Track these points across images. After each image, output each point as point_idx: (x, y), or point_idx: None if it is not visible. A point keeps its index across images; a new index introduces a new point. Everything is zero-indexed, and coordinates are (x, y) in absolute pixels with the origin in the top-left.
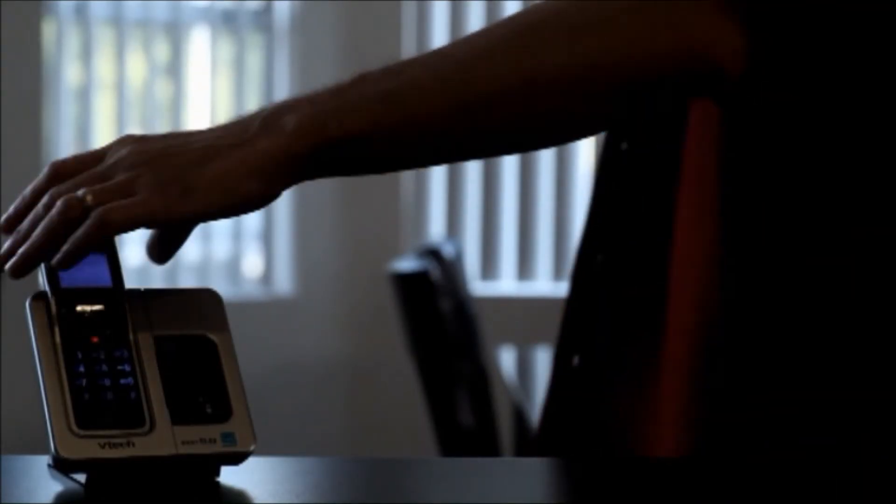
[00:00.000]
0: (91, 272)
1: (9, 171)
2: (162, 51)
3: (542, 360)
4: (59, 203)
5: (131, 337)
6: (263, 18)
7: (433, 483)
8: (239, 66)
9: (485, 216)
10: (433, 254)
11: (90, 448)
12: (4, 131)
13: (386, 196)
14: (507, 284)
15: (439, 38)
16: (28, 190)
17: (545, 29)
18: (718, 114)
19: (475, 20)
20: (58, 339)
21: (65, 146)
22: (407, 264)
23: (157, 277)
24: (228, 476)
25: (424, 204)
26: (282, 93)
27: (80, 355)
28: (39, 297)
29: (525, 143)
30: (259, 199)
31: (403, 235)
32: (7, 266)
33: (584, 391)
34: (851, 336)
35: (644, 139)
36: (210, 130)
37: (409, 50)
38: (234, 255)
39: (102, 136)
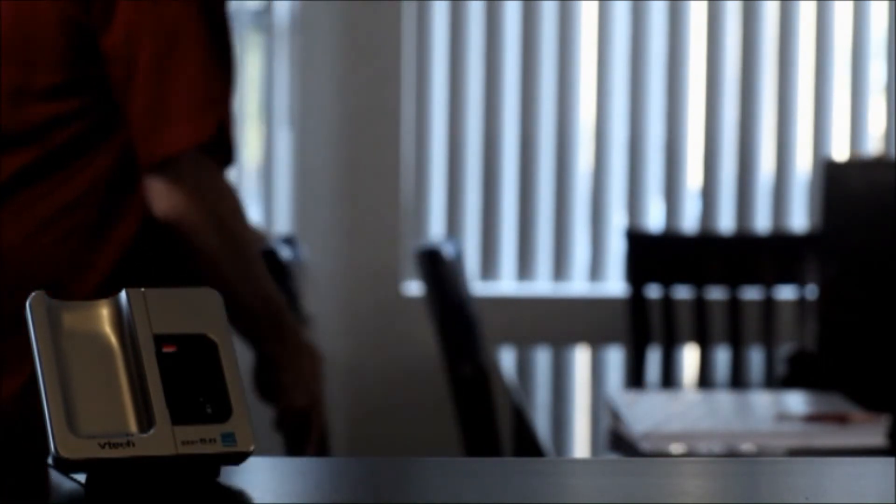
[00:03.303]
0: None
1: None
2: None
3: (543, 360)
4: None
5: (131, 336)
6: (263, 19)
7: (433, 483)
8: (238, 66)
9: (485, 216)
10: (433, 254)
11: (90, 448)
12: None
13: (386, 196)
14: (506, 285)
15: (439, 38)
16: None
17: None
18: None
19: (475, 21)
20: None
21: None
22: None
23: None
24: (228, 476)
25: (424, 204)
26: (282, 93)
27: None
28: (39, 297)
29: None
30: None
31: (403, 236)
32: None
33: None
34: None
35: None
36: None
37: (408, 49)
38: None
39: None
